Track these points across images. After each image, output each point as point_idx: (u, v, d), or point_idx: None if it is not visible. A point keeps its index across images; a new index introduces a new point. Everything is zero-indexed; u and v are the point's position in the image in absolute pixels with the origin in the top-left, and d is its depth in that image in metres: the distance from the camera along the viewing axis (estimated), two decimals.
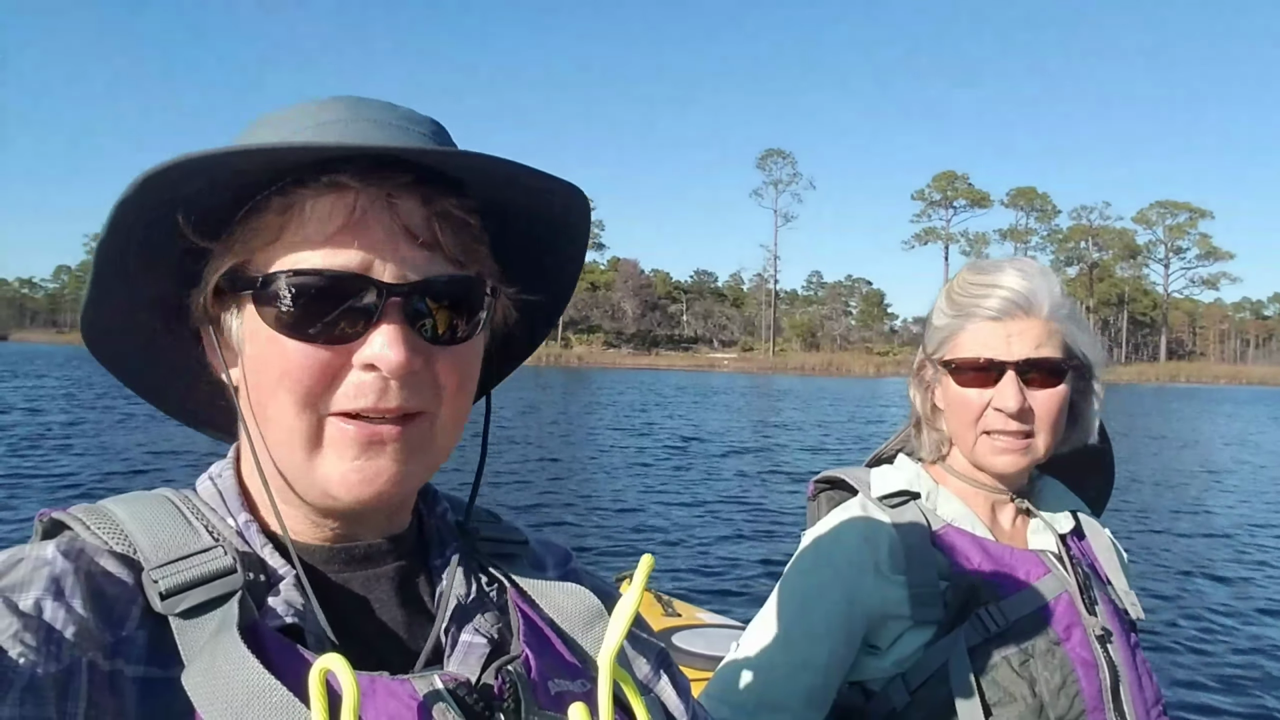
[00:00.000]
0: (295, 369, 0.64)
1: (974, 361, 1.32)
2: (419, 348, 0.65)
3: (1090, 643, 1.28)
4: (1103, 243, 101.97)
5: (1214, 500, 13.85)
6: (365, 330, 0.64)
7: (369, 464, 0.65)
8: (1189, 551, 10.06)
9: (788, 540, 9.80)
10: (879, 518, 1.34)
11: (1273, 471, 17.75)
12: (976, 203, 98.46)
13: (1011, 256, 1.37)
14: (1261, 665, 6.53)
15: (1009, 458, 1.32)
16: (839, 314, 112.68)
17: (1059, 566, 1.34)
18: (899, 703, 1.25)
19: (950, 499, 1.39)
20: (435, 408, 0.68)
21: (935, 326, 1.40)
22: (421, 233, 0.65)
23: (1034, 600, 1.28)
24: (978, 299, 1.33)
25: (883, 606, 1.28)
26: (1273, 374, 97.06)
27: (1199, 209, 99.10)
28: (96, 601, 0.59)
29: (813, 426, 24.20)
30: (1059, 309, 1.32)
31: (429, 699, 0.64)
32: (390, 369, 0.63)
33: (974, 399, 1.32)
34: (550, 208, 0.74)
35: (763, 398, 39.51)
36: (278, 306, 0.64)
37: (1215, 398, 56.15)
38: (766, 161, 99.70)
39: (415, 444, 0.67)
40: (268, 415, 0.67)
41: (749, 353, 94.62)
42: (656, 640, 0.87)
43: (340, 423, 0.65)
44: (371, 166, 0.64)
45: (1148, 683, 1.32)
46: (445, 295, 0.67)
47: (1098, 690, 1.25)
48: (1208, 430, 28.49)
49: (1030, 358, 1.29)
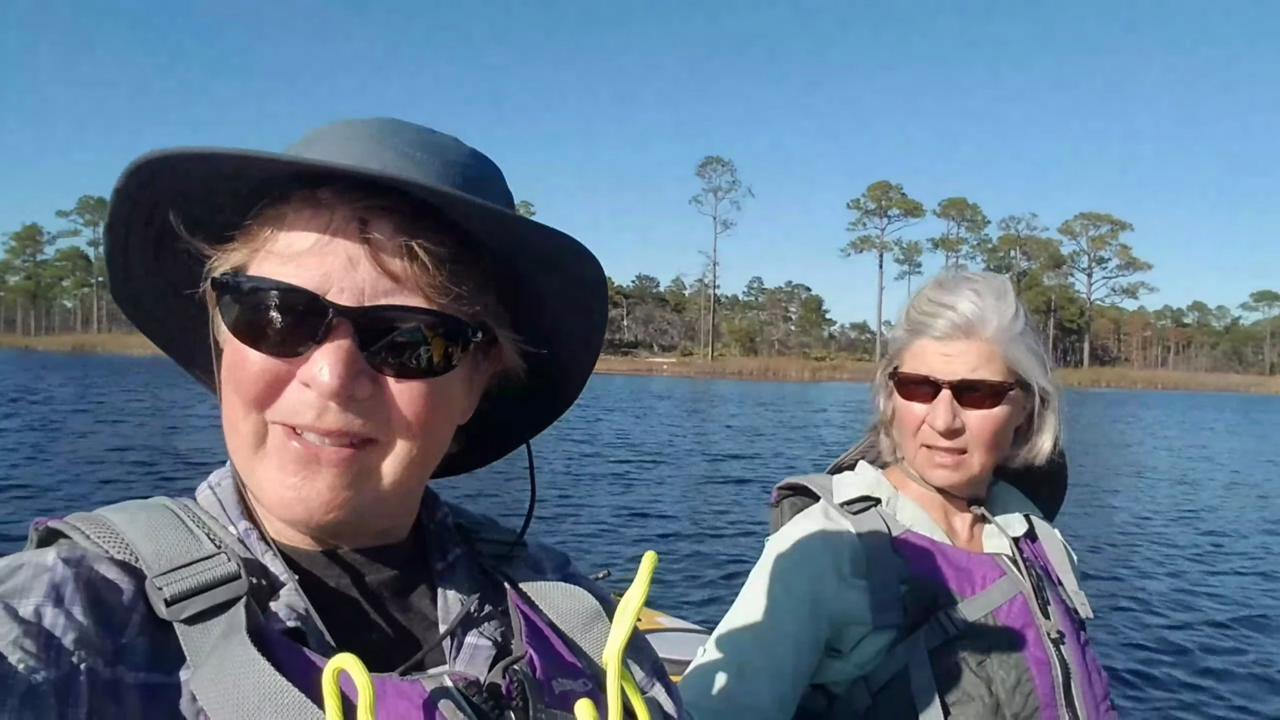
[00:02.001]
0: (244, 374, 0.65)
1: (914, 377, 1.36)
2: (366, 374, 0.65)
3: (1044, 642, 1.32)
4: (1030, 252, 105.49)
5: (1121, 498, 14.50)
6: (312, 348, 0.64)
7: (305, 485, 0.65)
8: (1114, 549, 10.52)
9: (738, 542, 9.94)
10: (841, 524, 1.37)
11: (1153, 465, 18.69)
12: (910, 212, 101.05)
13: (983, 272, 1.42)
14: (1193, 651, 6.92)
15: (942, 472, 1.37)
16: (779, 319, 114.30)
17: (1013, 569, 1.38)
18: (861, 705, 1.27)
19: (909, 504, 1.42)
20: (386, 438, 0.67)
21: (891, 337, 1.46)
22: (389, 260, 0.64)
23: (990, 603, 1.32)
24: (928, 317, 1.36)
25: (845, 611, 1.30)
26: (1186, 379, 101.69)
27: (1119, 221, 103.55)
28: (97, 608, 0.59)
29: (753, 432, 24.45)
30: (1005, 332, 1.33)
31: (439, 699, 0.64)
32: (324, 392, 0.63)
33: (914, 412, 1.37)
34: (560, 263, 0.72)
35: (704, 402, 39.83)
36: (237, 311, 0.65)
37: (1126, 401, 58.65)
38: (706, 169, 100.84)
39: (357, 472, 0.66)
40: (225, 412, 0.68)
41: (688, 357, 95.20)
42: (651, 647, 0.88)
43: (283, 432, 0.65)
44: (350, 187, 0.64)
45: (1097, 679, 1.36)
46: (404, 326, 0.65)
47: (1051, 688, 1.29)
48: (1110, 431, 29.81)
49: (965, 378, 1.32)
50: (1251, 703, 6.02)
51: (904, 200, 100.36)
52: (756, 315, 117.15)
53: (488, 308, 0.71)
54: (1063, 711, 1.28)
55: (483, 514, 0.89)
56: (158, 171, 0.63)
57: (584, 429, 22.12)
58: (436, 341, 0.67)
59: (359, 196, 0.64)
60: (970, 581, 1.33)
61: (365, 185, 0.64)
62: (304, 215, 0.64)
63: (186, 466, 13.08)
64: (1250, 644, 7.26)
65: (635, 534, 10.27)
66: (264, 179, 0.66)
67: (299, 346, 0.64)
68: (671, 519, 11.40)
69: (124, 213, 0.66)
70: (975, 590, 1.33)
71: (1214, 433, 32.09)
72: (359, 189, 0.64)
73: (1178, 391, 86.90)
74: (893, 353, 1.44)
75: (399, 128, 0.70)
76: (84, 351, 77.65)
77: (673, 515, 11.66)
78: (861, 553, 1.33)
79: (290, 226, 0.65)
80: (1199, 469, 19.59)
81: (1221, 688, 6.25)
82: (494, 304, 0.72)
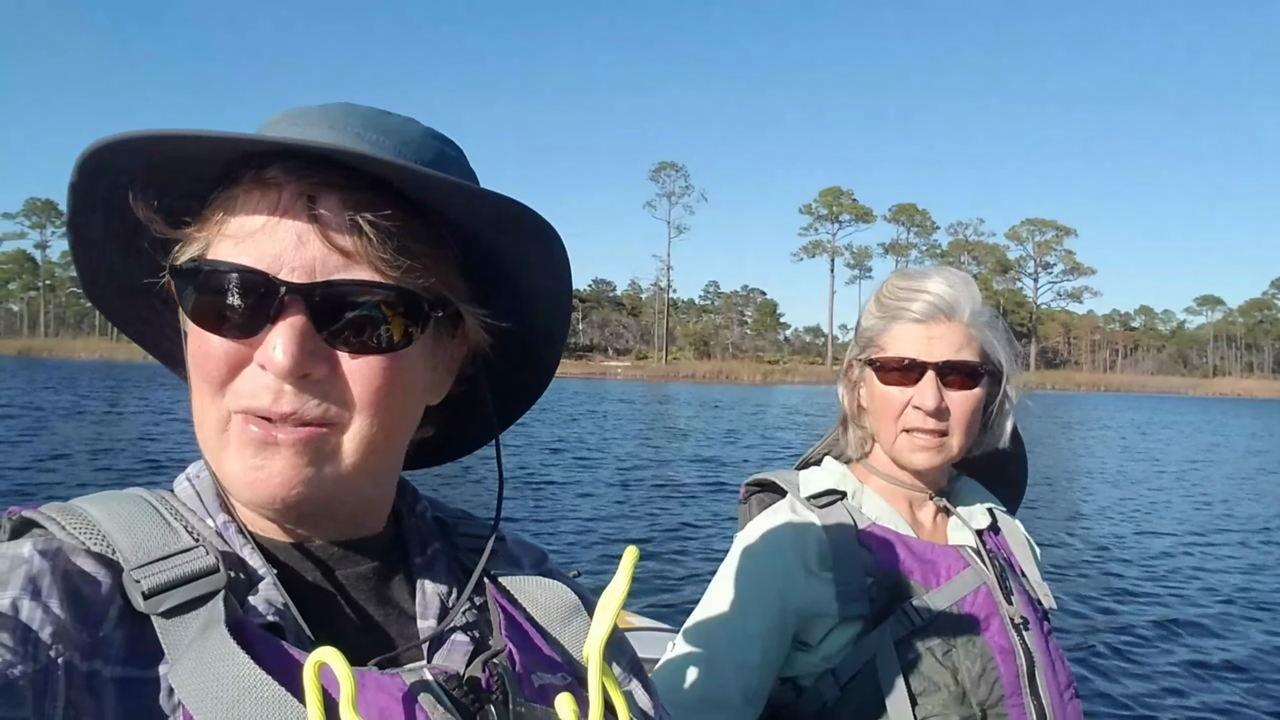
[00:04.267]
0: (204, 358, 0.65)
1: (897, 361, 1.37)
2: (320, 353, 0.64)
3: (1008, 631, 1.34)
4: (979, 257, 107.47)
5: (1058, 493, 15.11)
6: (266, 328, 0.63)
7: (265, 463, 0.64)
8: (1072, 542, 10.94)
9: (707, 541, 10.02)
10: (807, 517, 1.39)
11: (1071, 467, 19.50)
12: (860, 217, 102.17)
13: (939, 265, 1.47)
14: (1145, 640, 7.28)
15: (925, 455, 1.38)
16: (734, 323, 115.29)
17: (977, 560, 1.40)
18: (830, 697, 1.29)
19: (874, 498, 1.44)
20: (342, 419, 0.66)
21: (863, 326, 1.46)
22: (338, 236, 0.64)
23: (955, 593, 1.34)
24: (904, 302, 1.38)
25: (812, 604, 1.33)
26: (1130, 381, 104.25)
27: (1064, 227, 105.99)
28: (74, 601, 0.58)
29: (709, 433, 24.66)
30: (979, 316, 1.38)
31: (419, 693, 0.64)
32: (278, 371, 0.62)
33: (896, 396, 1.38)
34: (518, 230, 0.71)
35: (660, 403, 40.21)
36: (195, 295, 0.65)
37: (1066, 402, 60.13)
38: (660, 174, 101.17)
39: (314, 453, 0.65)
40: (194, 405, 0.67)
41: (643, 361, 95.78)
42: (629, 643, 0.88)
43: (241, 419, 0.65)
44: (299, 165, 0.63)
45: (1060, 668, 1.39)
46: (356, 301, 0.65)
47: (1015, 676, 1.31)
48: (1036, 428, 30.65)
49: (950, 360, 1.35)
50: (1207, 695, 6.20)
51: (855, 206, 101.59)
52: (712, 319, 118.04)
53: (445, 282, 0.70)
54: (1027, 699, 1.31)
55: (460, 509, 0.88)
56: (109, 161, 0.62)
57: (549, 431, 22.16)
58: (392, 316, 0.66)
59: (306, 174, 0.63)
60: (935, 573, 1.36)
61: (314, 163, 0.64)
62: (254, 196, 0.64)
63: (147, 466, 13.09)
64: (1193, 634, 7.55)
65: (601, 535, 10.27)
66: (220, 163, 0.65)
67: (254, 328, 0.64)
68: (635, 519, 11.36)
69: (82, 205, 0.65)
70: (940, 582, 1.35)
71: (1142, 430, 33.39)
72: (307, 167, 0.63)
73: (1121, 393, 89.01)
74: (866, 341, 1.45)
75: (351, 110, 0.70)
76: (31, 355, 76.32)
77: (638, 515, 11.61)
78: (827, 546, 1.35)
79: (241, 208, 0.64)
80: (1108, 465, 20.49)
81: (1183, 681, 6.45)
82: (454, 278, 0.71)
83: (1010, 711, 1.29)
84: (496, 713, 0.66)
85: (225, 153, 0.64)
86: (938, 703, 1.25)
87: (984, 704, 1.27)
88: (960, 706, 1.26)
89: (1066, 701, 1.36)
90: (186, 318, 0.67)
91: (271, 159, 0.64)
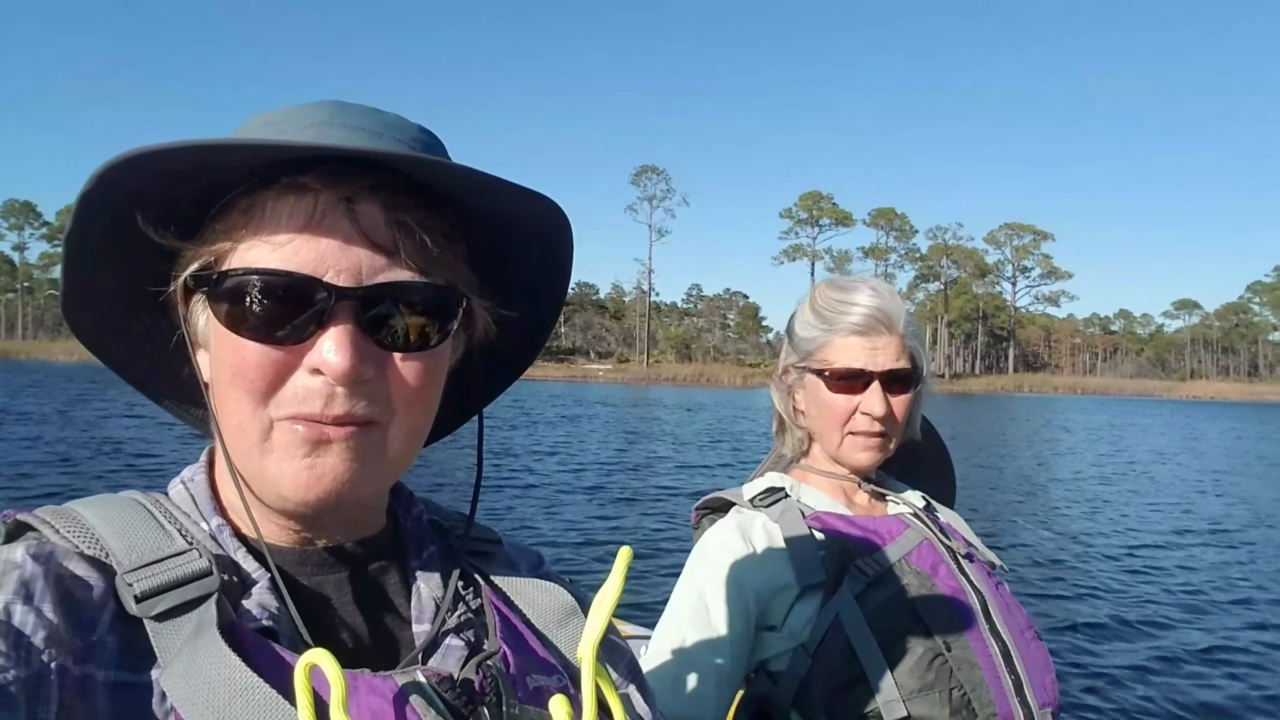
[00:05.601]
0: (246, 368, 0.64)
1: (845, 370, 1.45)
2: (370, 354, 0.64)
3: (957, 578, 1.42)
4: (958, 261, 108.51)
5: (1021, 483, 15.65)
6: (315, 333, 0.63)
7: (317, 462, 0.64)
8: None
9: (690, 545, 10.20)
10: (753, 514, 1.48)
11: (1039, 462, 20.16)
12: (840, 221, 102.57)
13: (863, 275, 1.55)
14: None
15: (869, 454, 1.48)
16: (716, 326, 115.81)
17: (916, 522, 1.49)
18: (803, 669, 1.33)
19: (812, 491, 1.53)
20: (387, 417, 0.67)
21: (802, 337, 1.52)
22: (381, 238, 0.64)
23: (902, 547, 1.42)
24: (845, 314, 1.46)
25: (770, 582, 1.39)
26: (1106, 384, 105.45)
27: (1041, 231, 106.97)
28: (67, 605, 0.58)
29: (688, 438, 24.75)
30: (909, 326, 1.48)
31: (412, 695, 0.64)
32: (335, 375, 0.62)
33: (843, 404, 1.46)
34: (534, 222, 0.73)
35: (639, 406, 40.53)
36: (230, 304, 0.64)
37: (1038, 405, 60.89)
38: (641, 178, 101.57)
39: (364, 450, 0.66)
40: (226, 413, 0.66)
41: (624, 364, 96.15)
42: (628, 647, 0.88)
43: (289, 425, 0.64)
44: (334, 170, 0.63)
45: (1017, 611, 1.45)
46: (402, 302, 0.66)
47: (971, 612, 1.38)
48: (1006, 428, 31.43)
49: (891, 368, 1.45)
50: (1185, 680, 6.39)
51: (835, 210, 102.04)
52: (694, 322, 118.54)
53: (461, 276, 0.71)
54: (987, 635, 1.36)
55: (458, 511, 0.89)
56: (129, 171, 0.60)
57: (526, 435, 22.16)
58: (433, 315, 0.67)
59: (346, 178, 0.63)
60: (879, 536, 1.43)
61: (351, 166, 0.63)
62: (287, 202, 0.63)
63: (130, 471, 13.03)
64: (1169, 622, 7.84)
65: (589, 539, 10.23)
66: (244, 170, 0.64)
67: (303, 334, 0.63)
68: (622, 522, 11.30)
69: (91, 215, 0.63)
70: (885, 543, 1.42)
71: (1117, 428, 34.52)
72: (341, 171, 0.63)
73: (1096, 396, 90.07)
74: (806, 351, 1.51)
75: (358, 109, 0.70)
76: (9, 357, 75.93)
77: (623, 519, 11.56)
78: (776, 530, 1.44)
79: (273, 214, 0.64)
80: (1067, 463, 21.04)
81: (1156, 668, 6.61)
82: (467, 272, 0.72)
83: (973, 644, 1.34)
84: (490, 715, 0.66)
85: (253, 161, 0.63)
86: (905, 645, 1.31)
87: (949, 644, 1.32)
88: (927, 640, 1.32)
89: (1029, 640, 1.41)
90: (214, 328, 0.66)
91: (303, 165, 0.63)
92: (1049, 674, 1.40)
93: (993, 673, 1.33)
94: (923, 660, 1.30)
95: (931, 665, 1.30)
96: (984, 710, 1.30)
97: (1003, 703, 1.32)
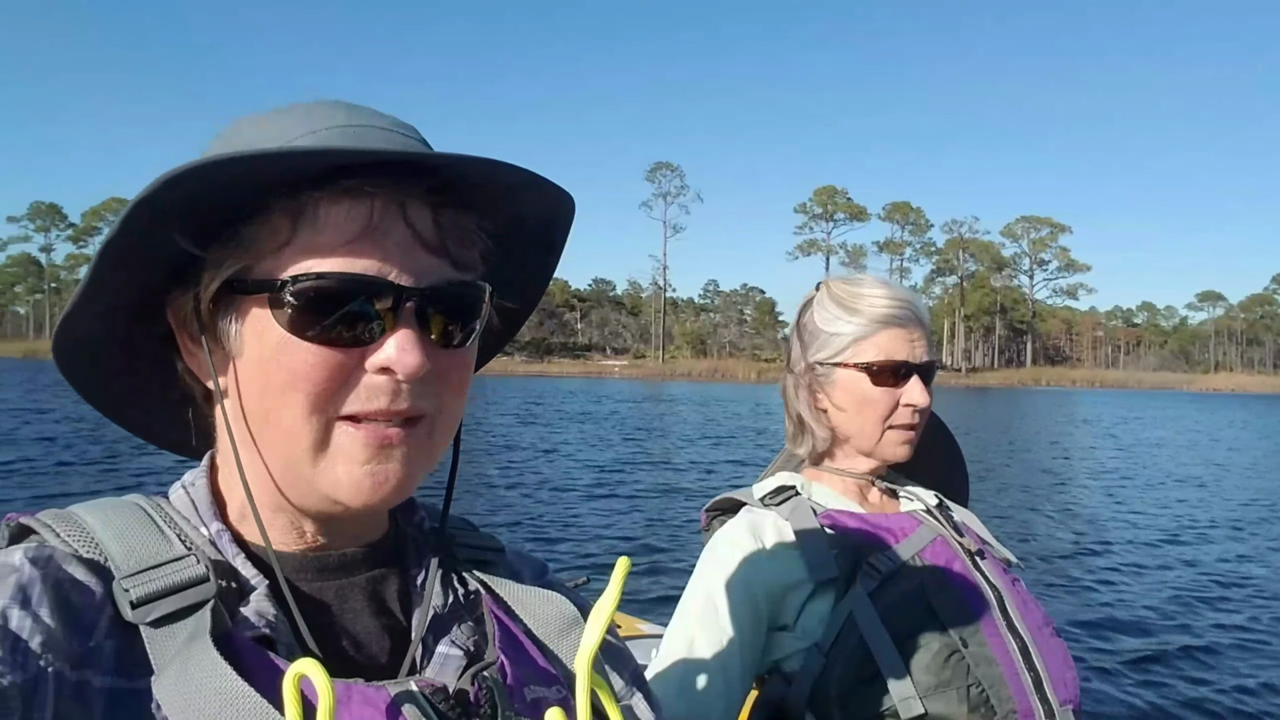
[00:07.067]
0: (310, 371, 0.64)
1: (890, 363, 1.45)
2: (429, 351, 0.66)
3: (972, 574, 1.41)
4: (974, 254, 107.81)
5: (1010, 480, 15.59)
6: (380, 334, 0.65)
7: (380, 468, 0.65)
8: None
9: None
10: (764, 513, 1.47)
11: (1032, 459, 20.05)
12: (855, 216, 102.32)
13: (873, 273, 1.57)
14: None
15: (907, 447, 1.49)
16: (733, 322, 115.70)
17: (929, 519, 1.48)
18: (817, 668, 1.31)
19: (824, 489, 1.53)
20: (436, 411, 0.69)
21: (830, 332, 1.50)
22: (431, 239, 0.66)
23: (915, 544, 1.41)
24: (879, 308, 1.46)
25: (782, 580, 1.37)
26: (1126, 377, 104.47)
27: (1059, 224, 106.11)
28: (64, 610, 0.58)
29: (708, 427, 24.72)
30: (928, 320, 1.52)
31: (405, 706, 0.63)
32: (406, 372, 0.64)
33: (886, 397, 1.46)
34: (547, 218, 0.76)
35: (656, 402, 40.55)
36: (295, 309, 0.63)
37: (1056, 399, 60.55)
38: (655, 174, 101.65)
39: (418, 447, 0.68)
40: (271, 420, 0.66)
41: (640, 360, 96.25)
42: (632, 655, 0.88)
43: (348, 427, 0.65)
44: (384, 173, 0.64)
45: (1034, 607, 1.44)
46: (453, 300, 0.68)
47: (987, 607, 1.37)
48: (1012, 423, 31.30)
49: (928, 360, 1.48)
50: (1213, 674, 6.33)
51: (849, 204, 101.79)
52: (711, 318, 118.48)
53: (482, 270, 0.73)
54: (1004, 631, 1.35)
55: (462, 517, 0.89)
56: (190, 180, 0.59)
57: (545, 431, 22.15)
58: (471, 311, 0.70)
59: (398, 182, 0.65)
60: (892, 534, 1.42)
61: (399, 169, 0.65)
62: (342, 206, 0.64)
63: (148, 472, 13.07)
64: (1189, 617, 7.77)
65: (608, 537, 10.13)
66: (279, 176, 0.63)
67: (370, 335, 0.64)
68: (643, 521, 11.22)
69: (140, 224, 0.62)
70: (899, 540, 1.41)
71: (1127, 422, 33.99)
72: (396, 174, 0.65)
73: (1116, 390, 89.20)
74: (841, 347, 1.49)
75: (360, 109, 0.71)
76: (37, 358, 76.82)
77: (646, 517, 11.50)
78: (786, 527, 1.42)
79: (326, 219, 0.64)
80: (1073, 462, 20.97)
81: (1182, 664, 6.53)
82: (483, 265, 0.74)
83: (990, 641, 1.33)
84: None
85: (308, 167, 0.63)
86: (919, 641, 1.30)
87: (964, 640, 1.31)
88: (943, 637, 1.30)
89: (1048, 636, 1.40)
90: (273, 332, 0.65)
91: (353, 169, 0.64)
92: (1069, 670, 1.39)
93: (1011, 669, 1.32)
94: (939, 657, 1.29)
95: (948, 662, 1.29)
96: (1003, 707, 1.29)
97: (1022, 699, 1.30)
